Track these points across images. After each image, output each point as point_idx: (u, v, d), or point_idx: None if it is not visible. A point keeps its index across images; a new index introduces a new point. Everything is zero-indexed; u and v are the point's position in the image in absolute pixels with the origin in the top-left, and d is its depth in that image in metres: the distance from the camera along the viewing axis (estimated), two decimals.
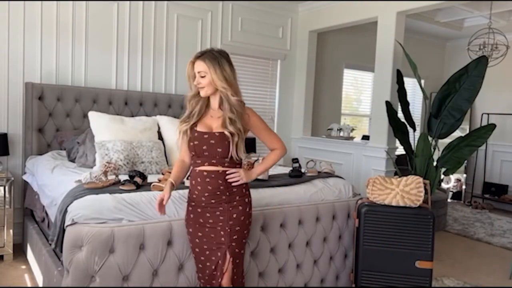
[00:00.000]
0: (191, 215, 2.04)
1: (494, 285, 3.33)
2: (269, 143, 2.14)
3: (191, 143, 1.99)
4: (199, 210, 2.01)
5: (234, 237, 1.99)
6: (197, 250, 2.04)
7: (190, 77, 2.02)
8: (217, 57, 1.95)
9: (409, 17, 4.55)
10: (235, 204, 2.00)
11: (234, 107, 1.96)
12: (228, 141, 1.94)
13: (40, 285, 2.72)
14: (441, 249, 4.09)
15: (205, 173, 1.98)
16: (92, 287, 1.95)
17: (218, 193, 1.98)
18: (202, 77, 1.95)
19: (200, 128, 2.01)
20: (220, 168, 1.98)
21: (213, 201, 1.99)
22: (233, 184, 1.99)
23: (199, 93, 2.01)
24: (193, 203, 2.03)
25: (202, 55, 1.96)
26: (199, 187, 2.00)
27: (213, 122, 2.01)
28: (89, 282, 1.95)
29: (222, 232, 1.99)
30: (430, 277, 2.70)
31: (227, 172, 1.98)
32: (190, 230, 2.06)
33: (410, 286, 2.69)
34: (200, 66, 1.95)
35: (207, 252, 2.01)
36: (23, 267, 3.20)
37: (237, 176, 1.99)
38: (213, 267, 2.00)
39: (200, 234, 2.02)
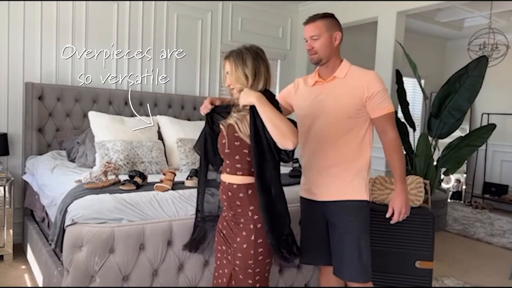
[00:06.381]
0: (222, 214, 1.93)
1: (494, 285, 3.33)
2: None
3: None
4: (223, 214, 1.90)
5: (237, 262, 1.75)
6: (215, 253, 1.94)
7: (224, 79, 1.88)
8: (242, 53, 1.80)
9: (409, 17, 4.55)
10: (241, 227, 1.77)
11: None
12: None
13: (40, 285, 2.72)
14: (441, 249, 4.09)
15: (221, 182, 1.90)
16: (92, 287, 1.95)
17: (224, 208, 1.87)
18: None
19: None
20: (225, 178, 1.84)
21: (225, 214, 1.89)
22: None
23: None
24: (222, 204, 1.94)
25: (229, 54, 1.83)
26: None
27: None
28: (89, 282, 1.95)
29: (229, 250, 1.83)
30: (430, 277, 2.70)
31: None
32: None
33: (410, 286, 2.69)
34: (227, 66, 1.82)
35: (218, 262, 1.89)
36: (23, 267, 3.20)
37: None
38: (219, 280, 1.87)
39: (216, 239, 1.92)
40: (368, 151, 2.05)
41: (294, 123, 1.73)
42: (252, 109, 1.70)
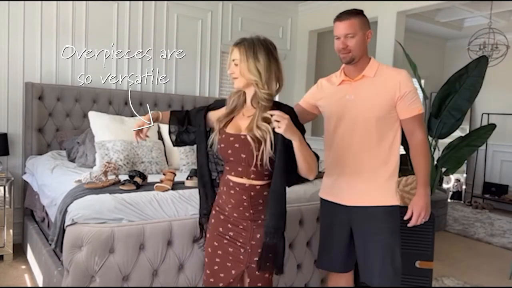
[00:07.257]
0: (213, 220, 1.83)
1: (494, 285, 3.33)
2: None
3: (219, 146, 1.77)
4: (221, 217, 1.79)
5: (255, 258, 1.73)
6: (206, 260, 1.83)
7: (228, 66, 1.79)
8: (254, 45, 1.73)
9: (409, 17, 4.55)
10: (260, 223, 1.73)
11: (261, 102, 1.68)
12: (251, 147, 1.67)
13: (40, 285, 2.72)
14: (441, 249, 4.09)
15: (231, 184, 1.76)
16: (92, 287, 1.95)
17: (241, 208, 1.74)
18: (236, 65, 1.73)
19: (229, 129, 1.76)
20: (246, 181, 1.72)
21: (235, 215, 1.76)
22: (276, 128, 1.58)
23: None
24: (217, 208, 1.82)
25: (240, 42, 1.75)
26: (223, 196, 1.79)
27: (243, 122, 1.75)
28: (89, 282, 1.95)
29: (241, 250, 1.75)
30: (430, 277, 2.70)
31: (269, 112, 1.61)
32: (208, 235, 1.85)
33: (410, 286, 2.69)
34: (235, 53, 1.74)
35: (216, 267, 1.79)
36: (23, 267, 3.20)
37: (280, 119, 1.55)
38: (220, 284, 1.78)
39: (216, 244, 1.79)
40: (397, 154, 1.96)
41: (316, 155, 1.74)
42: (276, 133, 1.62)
